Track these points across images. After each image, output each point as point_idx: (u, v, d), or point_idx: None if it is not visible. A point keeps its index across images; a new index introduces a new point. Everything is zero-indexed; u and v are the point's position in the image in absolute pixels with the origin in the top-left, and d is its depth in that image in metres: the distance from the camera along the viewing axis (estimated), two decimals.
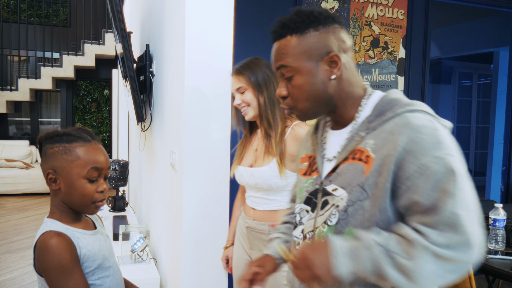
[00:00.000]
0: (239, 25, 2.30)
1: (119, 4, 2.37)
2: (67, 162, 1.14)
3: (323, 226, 1.01)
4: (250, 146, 1.80)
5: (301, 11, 1.00)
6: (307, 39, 0.98)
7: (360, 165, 0.96)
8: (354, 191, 0.95)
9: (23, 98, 7.42)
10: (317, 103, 1.02)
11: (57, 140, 1.16)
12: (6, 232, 4.94)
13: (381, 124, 0.97)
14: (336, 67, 0.99)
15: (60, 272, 1.08)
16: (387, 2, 2.80)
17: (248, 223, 1.75)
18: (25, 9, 8.03)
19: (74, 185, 1.14)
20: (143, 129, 3.09)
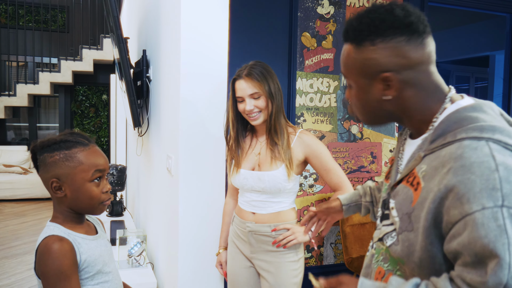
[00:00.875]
0: (234, 29, 2.31)
1: (116, 10, 2.39)
2: (70, 169, 1.15)
3: (382, 243, 0.95)
4: (250, 150, 1.77)
5: (366, 15, 0.87)
6: (362, 53, 0.87)
7: (411, 191, 0.86)
8: (403, 219, 0.86)
9: (21, 103, 7.43)
10: (376, 116, 0.93)
11: (56, 148, 1.16)
12: (4, 237, 4.93)
13: (439, 148, 0.83)
14: (391, 89, 0.87)
15: (59, 277, 1.08)
16: None
17: (250, 227, 1.73)
18: (23, 14, 8.05)
19: (81, 190, 1.16)
20: (140, 134, 3.10)
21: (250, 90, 1.66)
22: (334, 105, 2.70)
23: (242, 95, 1.67)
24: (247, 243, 1.76)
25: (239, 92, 1.68)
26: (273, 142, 1.70)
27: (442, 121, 0.86)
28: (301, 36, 2.60)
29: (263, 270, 1.74)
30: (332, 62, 2.69)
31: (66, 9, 8.28)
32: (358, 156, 2.78)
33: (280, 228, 1.70)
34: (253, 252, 1.75)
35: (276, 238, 1.69)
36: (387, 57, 0.85)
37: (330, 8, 2.67)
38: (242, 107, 1.69)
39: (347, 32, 0.90)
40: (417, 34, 0.85)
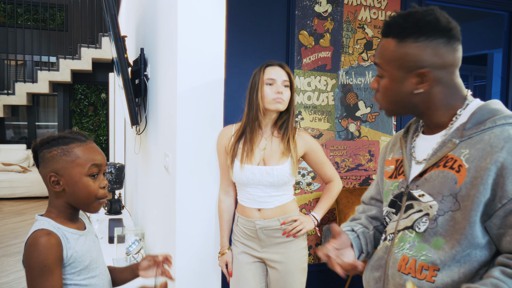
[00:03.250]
0: (232, 28, 2.32)
1: (113, 8, 2.39)
2: (67, 163, 1.18)
3: (410, 231, 1.00)
4: (256, 145, 1.81)
5: (411, 15, 0.96)
6: (404, 47, 0.96)
7: (451, 173, 0.93)
8: (446, 200, 0.94)
9: (20, 102, 7.43)
10: (400, 108, 1.02)
11: (54, 144, 1.19)
12: (3, 235, 4.94)
13: (478, 133, 0.93)
14: (424, 83, 0.96)
15: (42, 270, 1.10)
16: (380, 5, 2.82)
17: (260, 224, 1.79)
18: (22, 13, 8.04)
19: (78, 184, 1.18)
20: (138, 132, 3.10)
21: (284, 77, 1.78)
22: (332, 103, 2.70)
23: (276, 78, 1.77)
24: (257, 239, 1.82)
25: (273, 75, 1.77)
26: (286, 137, 1.80)
27: (474, 113, 0.96)
28: (299, 34, 2.60)
29: (273, 262, 1.81)
30: (330, 60, 2.70)
31: (65, 8, 8.27)
32: (356, 154, 2.79)
33: (288, 220, 1.80)
34: (264, 247, 1.82)
35: (286, 229, 1.79)
36: (427, 55, 0.95)
37: (328, 6, 2.67)
38: (270, 90, 1.76)
39: (390, 27, 0.98)
40: (454, 39, 0.96)
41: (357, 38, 2.77)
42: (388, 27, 0.99)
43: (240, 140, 1.82)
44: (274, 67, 1.79)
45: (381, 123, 2.84)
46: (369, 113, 2.81)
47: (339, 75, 2.73)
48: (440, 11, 0.96)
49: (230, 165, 1.81)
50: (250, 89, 1.80)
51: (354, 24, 2.76)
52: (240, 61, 2.41)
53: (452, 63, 0.97)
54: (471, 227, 0.90)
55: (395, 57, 0.97)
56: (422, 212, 0.98)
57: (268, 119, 1.81)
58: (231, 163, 1.81)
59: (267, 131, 1.83)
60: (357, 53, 2.77)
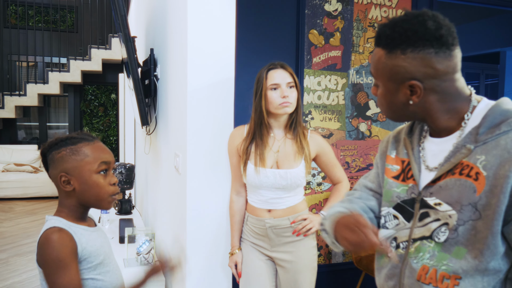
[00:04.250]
0: (241, 27, 2.31)
1: (123, 9, 2.40)
2: (77, 162, 1.20)
3: (429, 241, 0.98)
4: (268, 148, 1.80)
5: (399, 24, 0.92)
6: (392, 59, 0.93)
7: (469, 182, 0.91)
8: (465, 210, 0.91)
9: (32, 103, 7.50)
10: (400, 116, 1.00)
11: (62, 145, 1.21)
12: (15, 235, 4.99)
13: (493, 138, 0.90)
14: (416, 95, 0.94)
15: (58, 266, 1.12)
16: (390, 3, 2.80)
17: (270, 223, 1.80)
18: (33, 15, 8.12)
19: (88, 182, 1.20)
20: (148, 132, 3.11)
21: (288, 79, 1.76)
22: (342, 102, 2.68)
23: (279, 82, 1.75)
24: (266, 238, 1.82)
25: (277, 79, 1.75)
26: (297, 137, 1.79)
27: (486, 115, 0.93)
28: (309, 34, 2.58)
29: (283, 261, 1.81)
30: (340, 59, 2.68)
31: (75, 9, 8.33)
32: (367, 154, 2.76)
33: (298, 219, 1.80)
34: (273, 246, 1.82)
35: (296, 228, 1.79)
36: (415, 66, 0.91)
37: (338, 5, 2.65)
38: (275, 94, 1.74)
39: (380, 37, 0.96)
40: (446, 46, 0.91)
41: (368, 37, 2.75)
42: (378, 37, 0.96)
43: (252, 143, 1.81)
44: (276, 70, 1.77)
45: (392, 123, 2.82)
46: (380, 113, 2.79)
47: (350, 74, 2.71)
48: (432, 15, 0.91)
49: (243, 167, 1.80)
50: (255, 94, 1.79)
51: (364, 22, 2.74)
52: (250, 61, 2.40)
53: (446, 71, 0.92)
54: (494, 237, 0.88)
55: (385, 69, 0.95)
56: (441, 221, 0.95)
57: (278, 122, 1.81)
58: (244, 165, 1.80)
59: (280, 133, 1.83)
60: (368, 52, 2.75)
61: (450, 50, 0.91)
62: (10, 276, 3.79)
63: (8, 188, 6.84)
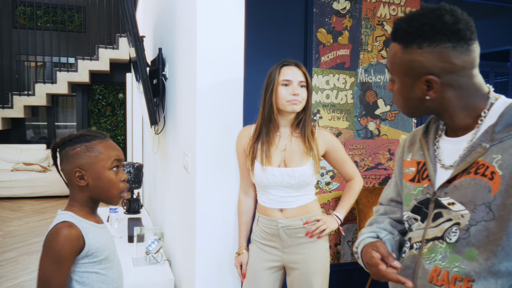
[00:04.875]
0: (250, 26, 2.30)
1: (131, 9, 2.40)
2: (91, 158, 1.26)
3: (441, 242, 0.96)
4: (274, 147, 1.78)
5: (415, 18, 0.91)
6: (408, 54, 0.92)
7: (484, 181, 0.88)
8: (478, 210, 0.89)
9: (40, 102, 7.55)
10: (417, 111, 0.99)
11: (77, 142, 1.27)
12: (24, 234, 5.03)
13: (510, 137, 0.88)
14: (432, 90, 0.92)
15: (55, 259, 1.18)
16: (399, 1, 2.78)
17: (282, 223, 1.77)
18: (41, 15, 8.17)
19: (102, 177, 1.27)
20: (157, 132, 3.12)
21: (300, 77, 1.75)
22: (351, 101, 2.67)
23: (292, 79, 1.73)
24: (278, 238, 1.78)
25: (289, 76, 1.74)
26: (304, 136, 1.77)
27: (503, 113, 0.91)
28: (317, 32, 2.58)
29: (294, 263, 1.78)
30: (349, 58, 2.67)
31: (83, 9, 8.38)
32: (376, 153, 2.75)
33: (311, 220, 1.77)
34: (285, 247, 1.79)
35: (309, 229, 1.76)
36: (432, 61, 0.90)
37: (346, 4, 2.64)
38: (286, 91, 1.73)
39: (396, 32, 0.94)
40: (463, 41, 0.89)
41: (376, 35, 2.73)
42: (394, 32, 0.95)
43: (258, 142, 1.79)
44: (290, 67, 1.76)
45: (401, 121, 2.80)
46: (389, 111, 2.77)
47: (358, 73, 2.69)
48: (450, 9, 0.90)
49: (250, 167, 1.79)
50: (265, 89, 1.77)
51: (373, 21, 2.72)
52: (258, 59, 2.40)
53: (464, 66, 0.90)
54: (509, 238, 0.85)
55: (402, 64, 0.94)
56: (452, 221, 0.94)
57: (285, 120, 1.79)
58: (251, 165, 1.79)
59: (286, 132, 1.81)
60: (376, 50, 2.74)
61: (468, 45, 0.89)
62: (19, 274, 3.82)
63: (17, 187, 6.90)
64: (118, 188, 1.30)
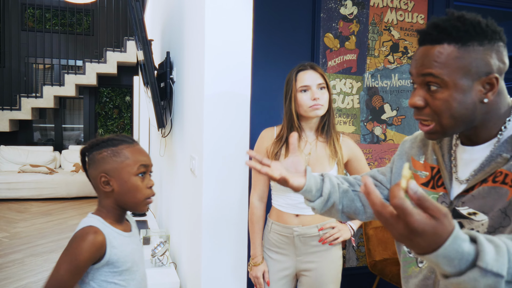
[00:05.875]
0: (258, 31, 2.32)
1: (140, 13, 2.43)
2: (117, 163, 1.23)
3: None
4: (300, 150, 1.75)
5: (466, 18, 0.87)
6: (468, 53, 0.86)
7: (504, 189, 0.86)
8: (495, 216, 0.86)
9: (48, 105, 7.61)
10: (462, 122, 0.90)
11: (103, 146, 1.25)
12: (31, 235, 5.06)
13: None
14: (492, 91, 0.87)
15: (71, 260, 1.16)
16: (406, 6, 2.78)
17: (298, 231, 1.74)
18: (49, 18, 8.25)
19: (127, 183, 1.23)
20: (164, 135, 3.13)
21: (318, 80, 1.71)
22: (357, 106, 2.68)
23: (310, 83, 1.70)
24: (292, 246, 1.76)
25: (307, 81, 1.70)
26: (331, 141, 1.74)
27: None
28: (324, 37, 2.59)
29: (307, 271, 1.76)
30: (355, 63, 2.67)
31: (91, 13, 8.45)
32: (382, 157, 2.75)
33: (326, 226, 1.75)
34: (299, 255, 1.77)
35: (323, 236, 1.74)
36: (494, 59, 0.87)
37: (354, 9, 2.65)
38: (306, 97, 1.70)
39: (446, 31, 0.88)
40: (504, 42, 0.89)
41: (383, 40, 2.74)
42: (440, 31, 0.88)
43: (283, 145, 1.76)
44: (306, 71, 1.73)
45: (407, 127, 2.80)
46: (395, 116, 2.77)
47: (365, 77, 2.70)
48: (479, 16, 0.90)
49: None
50: (285, 97, 1.75)
51: (380, 26, 2.73)
52: (266, 64, 2.41)
53: (506, 67, 0.89)
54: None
55: (460, 65, 0.86)
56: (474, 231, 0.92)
57: (309, 124, 1.76)
58: None
59: (311, 136, 1.78)
60: (383, 55, 2.74)
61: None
62: (26, 276, 3.84)
63: (24, 188, 6.94)
64: (143, 195, 1.25)
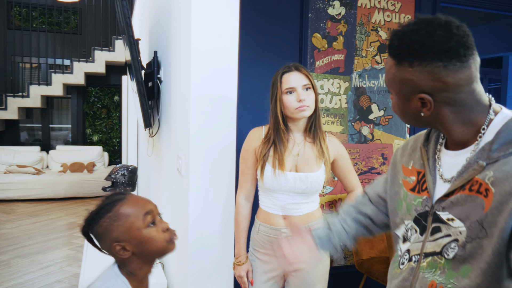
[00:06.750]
0: (245, 31, 2.32)
1: (127, 11, 2.41)
2: (122, 227, 1.13)
3: (439, 257, 0.94)
4: (287, 151, 1.74)
5: (407, 35, 0.87)
6: (400, 71, 0.90)
7: (480, 199, 0.86)
8: (473, 227, 0.87)
9: (35, 104, 7.53)
10: (414, 123, 0.98)
11: (100, 217, 1.15)
12: (17, 237, 5.00)
13: (506, 156, 0.85)
14: (426, 108, 0.90)
15: None
16: (394, 7, 2.80)
17: (286, 232, 1.72)
18: (36, 16, 8.16)
19: (142, 239, 1.14)
20: (151, 134, 3.12)
21: (303, 81, 1.70)
22: (345, 106, 2.69)
23: (295, 85, 1.69)
24: None
25: (292, 83, 1.69)
26: (318, 141, 1.74)
27: (500, 131, 0.87)
28: (312, 37, 2.59)
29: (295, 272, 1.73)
30: (343, 63, 2.68)
31: (79, 11, 8.37)
32: (369, 157, 2.77)
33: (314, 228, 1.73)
34: None
35: None
36: (424, 80, 0.87)
37: (341, 9, 2.66)
38: (292, 98, 1.69)
39: (390, 47, 0.92)
40: (456, 59, 0.85)
41: (371, 41, 2.75)
42: (388, 47, 0.93)
43: (271, 145, 1.75)
44: (290, 73, 1.72)
45: (394, 126, 2.82)
46: (382, 116, 2.79)
47: (352, 78, 2.71)
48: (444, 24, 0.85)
49: (261, 170, 1.75)
50: (271, 98, 1.75)
51: (367, 26, 2.74)
52: (253, 64, 2.41)
53: (457, 84, 0.86)
54: (495, 257, 0.83)
55: (395, 80, 0.92)
56: (451, 238, 0.92)
57: (296, 125, 1.76)
58: (262, 168, 1.74)
59: (299, 137, 1.78)
60: (371, 55, 2.76)
61: (461, 62, 0.85)
62: (11, 278, 3.79)
63: (10, 189, 6.85)
64: (163, 241, 1.17)
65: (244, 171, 1.84)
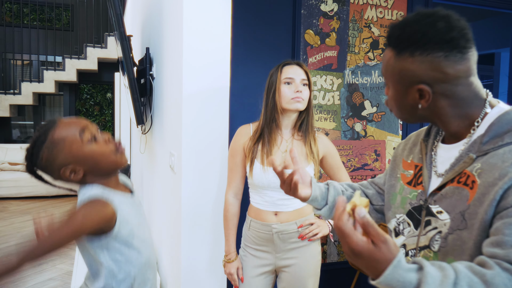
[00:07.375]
0: (237, 27, 2.31)
1: (119, 8, 2.39)
2: (62, 151, 1.13)
3: (429, 251, 0.95)
4: (276, 147, 1.75)
5: (409, 25, 0.88)
6: (400, 61, 0.90)
7: (466, 190, 0.87)
8: (456, 218, 0.87)
9: (26, 101, 7.47)
10: (409, 116, 0.97)
11: (38, 150, 1.15)
12: (9, 235, 4.96)
13: (496, 149, 0.86)
14: (424, 99, 0.90)
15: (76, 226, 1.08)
16: (386, 4, 2.80)
17: (277, 228, 1.74)
18: (28, 13, 8.08)
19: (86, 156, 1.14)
20: (144, 131, 3.10)
21: (302, 76, 1.75)
22: (338, 102, 2.69)
23: (294, 76, 1.73)
24: (271, 243, 1.76)
25: (291, 74, 1.74)
26: (308, 141, 1.76)
27: (492, 124, 0.88)
28: (305, 34, 2.59)
29: (287, 267, 1.77)
30: (336, 59, 2.68)
31: (71, 8, 8.31)
32: (362, 154, 2.77)
33: (305, 223, 1.77)
34: (278, 251, 1.77)
35: (302, 232, 1.76)
36: (424, 70, 0.87)
37: (334, 6, 2.66)
38: (289, 89, 1.72)
39: (390, 38, 0.93)
40: (457, 50, 0.86)
41: (363, 37, 2.75)
42: (388, 38, 0.94)
43: (259, 142, 1.76)
44: (291, 66, 1.76)
45: (387, 123, 2.83)
46: (375, 113, 2.79)
47: (345, 74, 2.71)
48: (445, 16, 0.87)
49: (250, 167, 1.75)
50: (267, 89, 1.76)
51: (360, 23, 2.74)
52: (245, 60, 2.40)
53: (458, 75, 0.87)
54: (477, 249, 0.82)
55: (394, 71, 0.92)
56: (437, 230, 0.92)
57: (288, 120, 1.77)
58: (250, 165, 1.75)
59: (287, 133, 1.79)
60: (363, 52, 2.76)
61: (462, 54, 0.86)
62: None
63: (2, 187, 6.81)
64: (109, 152, 1.16)
65: (233, 169, 1.84)
